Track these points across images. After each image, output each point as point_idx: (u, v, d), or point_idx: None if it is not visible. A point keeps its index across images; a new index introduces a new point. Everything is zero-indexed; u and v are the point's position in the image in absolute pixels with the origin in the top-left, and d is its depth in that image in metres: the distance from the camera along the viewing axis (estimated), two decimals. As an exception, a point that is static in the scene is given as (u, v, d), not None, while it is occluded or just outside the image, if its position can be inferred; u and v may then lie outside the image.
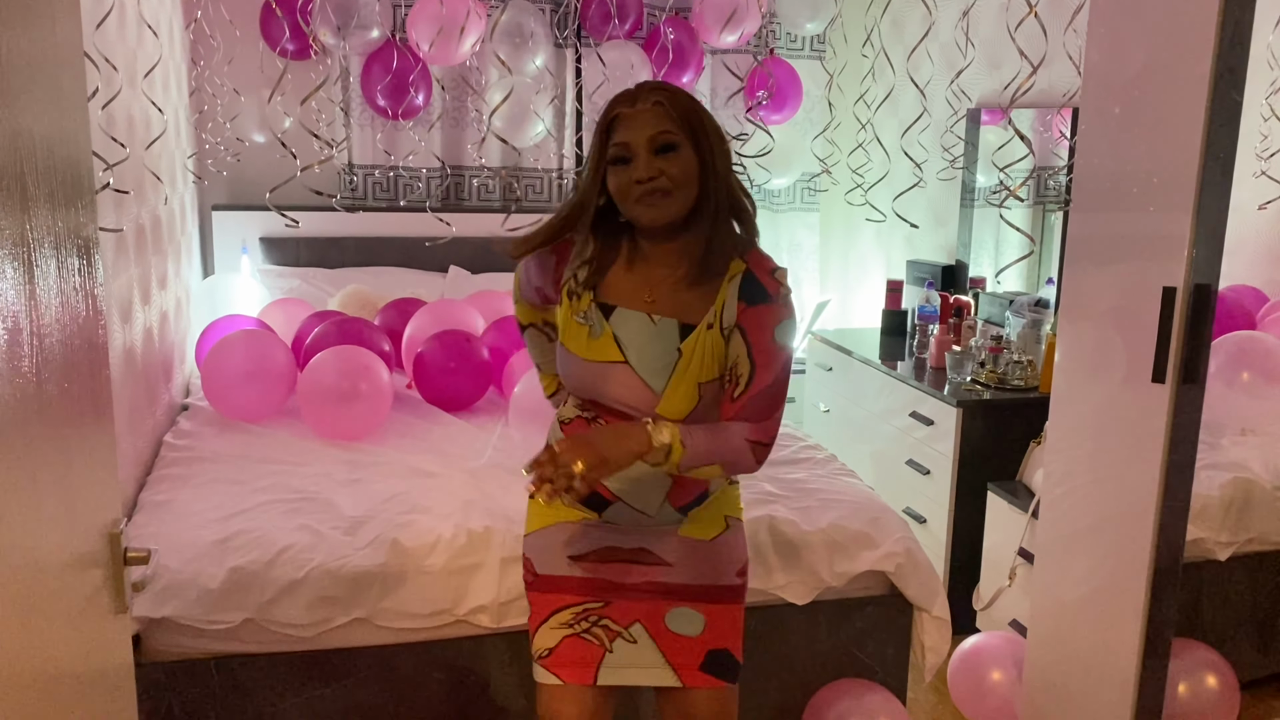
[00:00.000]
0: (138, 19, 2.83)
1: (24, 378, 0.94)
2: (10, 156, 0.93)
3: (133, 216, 2.75)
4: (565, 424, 1.81)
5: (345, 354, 3.00)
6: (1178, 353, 1.93)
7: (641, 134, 1.63)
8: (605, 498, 1.75)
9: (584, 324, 1.72)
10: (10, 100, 0.93)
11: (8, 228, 0.90)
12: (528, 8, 4.08)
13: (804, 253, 5.04)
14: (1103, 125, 2.16)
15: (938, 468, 3.30)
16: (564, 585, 1.80)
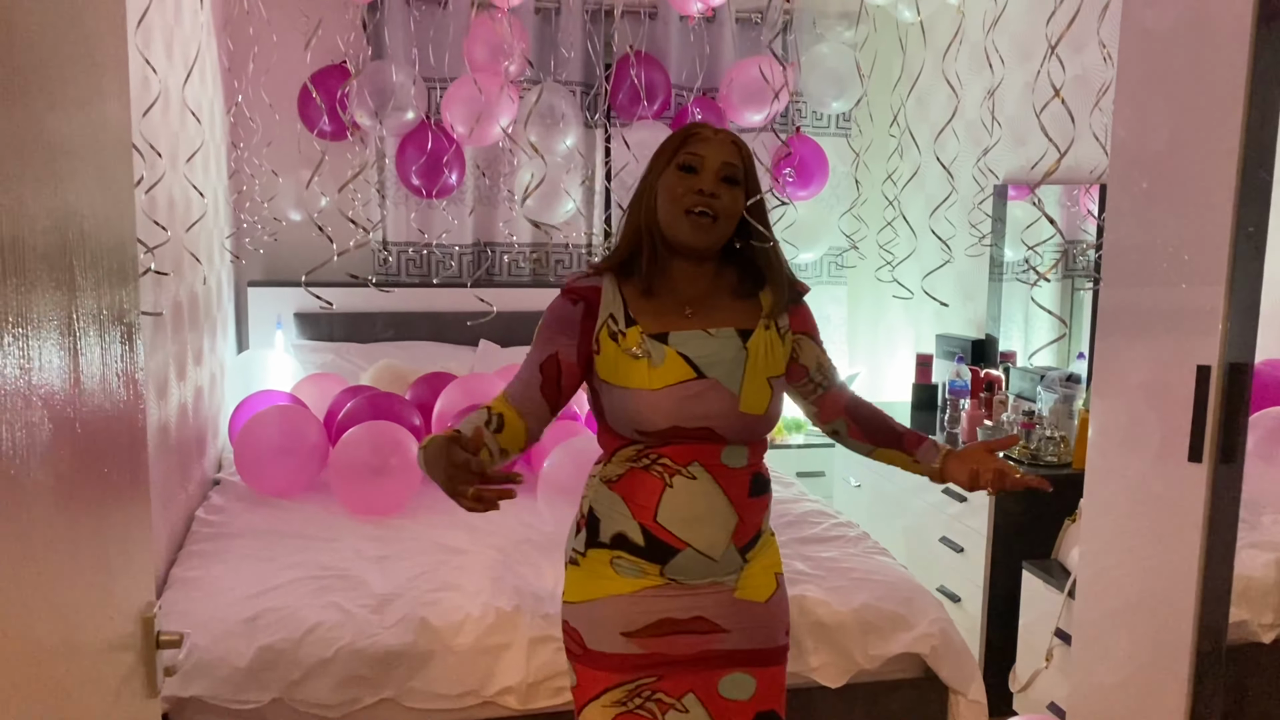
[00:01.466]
0: (181, 105, 2.92)
1: (66, 463, 0.95)
2: (59, 239, 0.96)
3: (171, 295, 2.80)
4: (613, 482, 1.76)
5: (376, 429, 3.02)
6: (1214, 432, 1.91)
7: (717, 156, 1.76)
8: (672, 546, 1.73)
9: (641, 357, 1.73)
10: (60, 183, 0.96)
11: (55, 310, 0.93)
12: (559, 90, 4.18)
13: (832, 326, 5.05)
14: (1131, 201, 2.17)
15: (971, 545, 3.26)
16: (617, 663, 1.75)
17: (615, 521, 1.76)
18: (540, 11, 4.44)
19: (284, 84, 3.96)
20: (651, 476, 1.73)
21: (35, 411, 0.86)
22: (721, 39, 4.56)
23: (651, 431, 1.73)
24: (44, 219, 0.91)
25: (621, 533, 1.74)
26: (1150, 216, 2.10)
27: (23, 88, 0.87)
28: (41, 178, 0.91)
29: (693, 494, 1.73)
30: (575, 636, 1.79)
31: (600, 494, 1.79)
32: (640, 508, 1.74)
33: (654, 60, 4.41)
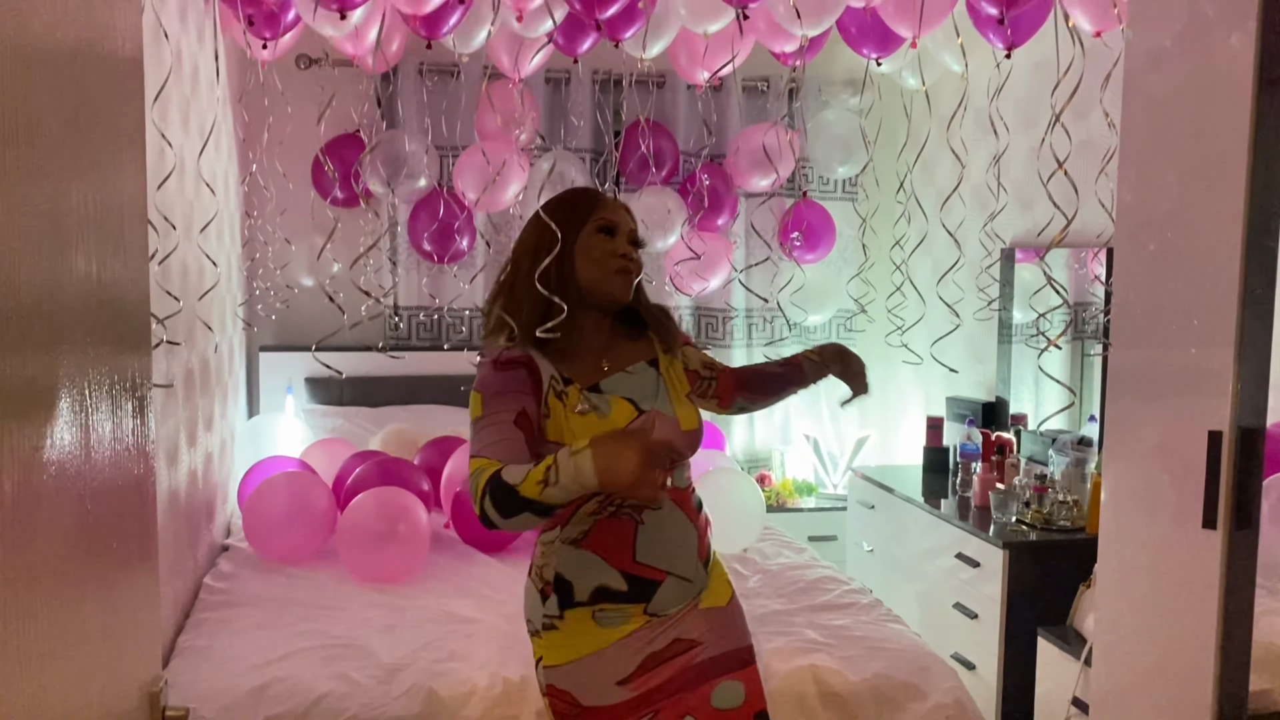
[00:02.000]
0: (196, 175, 2.97)
1: (75, 536, 0.95)
2: (74, 309, 0.97)
3: (182, 362, 2.82)
4: (579, 541, 1.80)
5: (384, 495, 3.02)
6: (1228, 499, 1.89)
7: (625, 222, 1.91)
8: (654, 580, 1.80)
9: (589, 411, 1.81)
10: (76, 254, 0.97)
11: (69, 382, 0.94)
12: (569, 157, 4.24)
13: (842, 388, 5.02)
14: (1138, 263, 2.17)
15: (986, 611, 3.21)
16: (615, 712, 1.80)
17: (591, 578, 1.79)
18: (551, 81, 4.52)
19: (298, 152, 4.03)
20: (622, 521, 1.80)
21: (46, 484, 0.86)
22: (728, 106, 4.63)
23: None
24: (60, 290, 0.93)
25: (601, 585, 1.79)
26: (1158, 279, 2.11)
27: (42, 160, 0.89)
28: (58, 249, 0.93)
29: (663, 523, 1.82)
30: (565, 698, 1.81)
31: (566, 556, 1.81)
32: (616, 555, 1.79)
33: (662, 128, 4.47)
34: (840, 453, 4.95)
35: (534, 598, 1.86)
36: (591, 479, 1.51)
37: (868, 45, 3.25)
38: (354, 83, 4.13)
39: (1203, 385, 1.96)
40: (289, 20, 3.12)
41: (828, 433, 5.03)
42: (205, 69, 3.17)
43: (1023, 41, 2.99)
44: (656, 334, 1.97)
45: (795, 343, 4.97)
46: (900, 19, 2.97)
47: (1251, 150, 1.91)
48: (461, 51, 3.30)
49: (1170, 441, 2.03)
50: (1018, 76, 3.70)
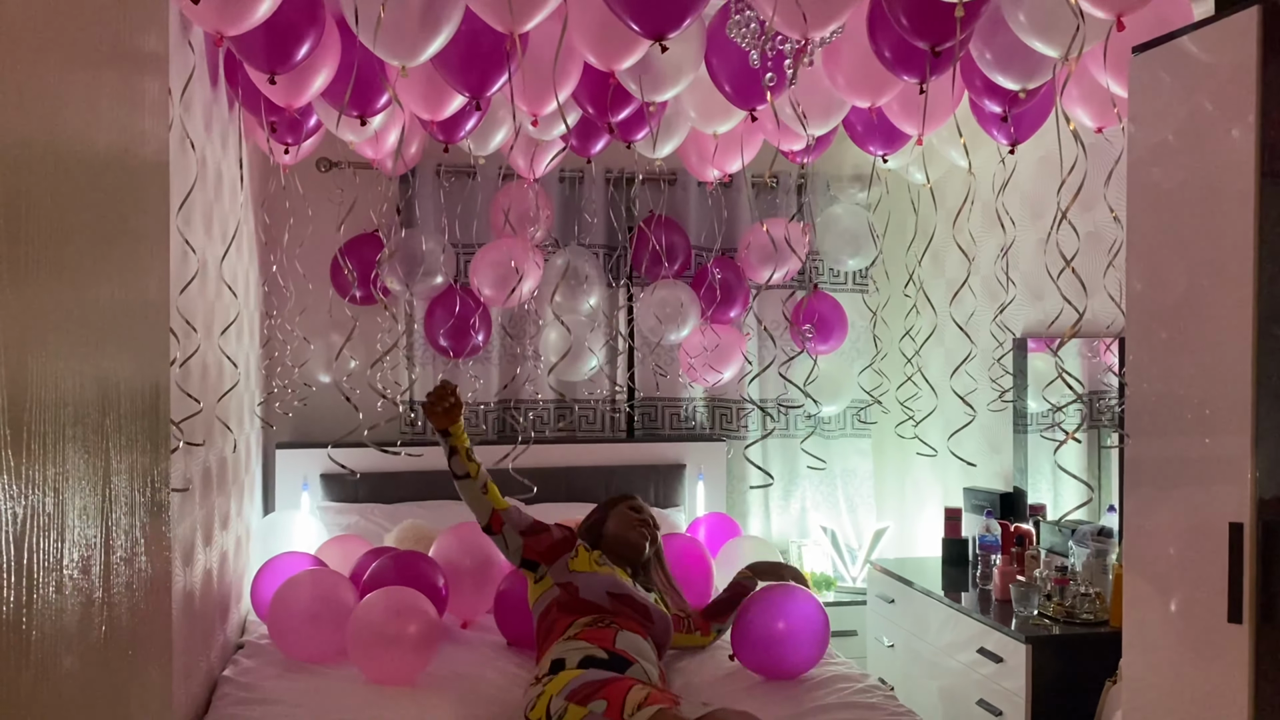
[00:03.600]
0: (218, 278, 3.03)
1: (92, 647, 0.96)
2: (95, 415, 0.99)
3: (200, 462, 2.84)
4: (573, 637, 2.78)
5: (394, 595, 2.99)
6: (1252, 592, 1.87)
7: (647, 513, 3.27)
8: (629, 660, 2.66)
9: (605, 565, 3.04)
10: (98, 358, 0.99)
11: (89, 488, 0.95)
12: (582, 253, 4.30)
13: (858, 479, 5.02)
14: (1150, 352, 2.18)
15: (1010, 708, 3.14)
16: (620, 683, 2.53)
17: (577, 654, 2.64)
18: (564, 180, 4.62)
19: (317, 253, 4.10)
20: (604, 629, 2.76)
21: (66, 597, 0.87)
22: (738, 202, 4.71)
23: (617, 594, 2.89)
24: (81, 394, 0.95)
25: (588, 656, 2.62)
26: (1171, 369, 2.12)
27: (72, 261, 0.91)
28: (81, 353, 0.95)
29: (635, 639, 2.76)
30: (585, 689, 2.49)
31: (563, 647, 2.72)
32: (601, 641, 2.69)
33: (674, 223, 4.55)
34: (858, 545, 4.90)
35: (530, 696, 2.62)
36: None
37: (874, 143, 3.32)
38: (373, 184, 4.22)
39: (1220, 475, 1.95)
40: (311, 126, 3.22)
41: (845, 525, 4.99)
42: (228, 174, 3.26)
43: (1026, 137, 3.06)
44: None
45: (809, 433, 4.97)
46: (905, 117, 3.05)
47: (1257, 239, 1.94)
48: (478, 154, 3.39)
49: (1191, 532, 2.02)
50: (1023, 170, 3.77)
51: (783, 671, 2.94)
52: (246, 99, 3.02)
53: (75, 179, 0.93)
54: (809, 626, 2.95)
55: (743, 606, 3.07)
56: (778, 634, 2.93)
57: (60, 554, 0.87)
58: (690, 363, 4.46)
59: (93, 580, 0.95)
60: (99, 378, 0.99)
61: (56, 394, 0.87)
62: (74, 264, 0.91)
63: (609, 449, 4.57)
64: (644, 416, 4.80)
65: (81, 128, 0.96)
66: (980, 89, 2.84)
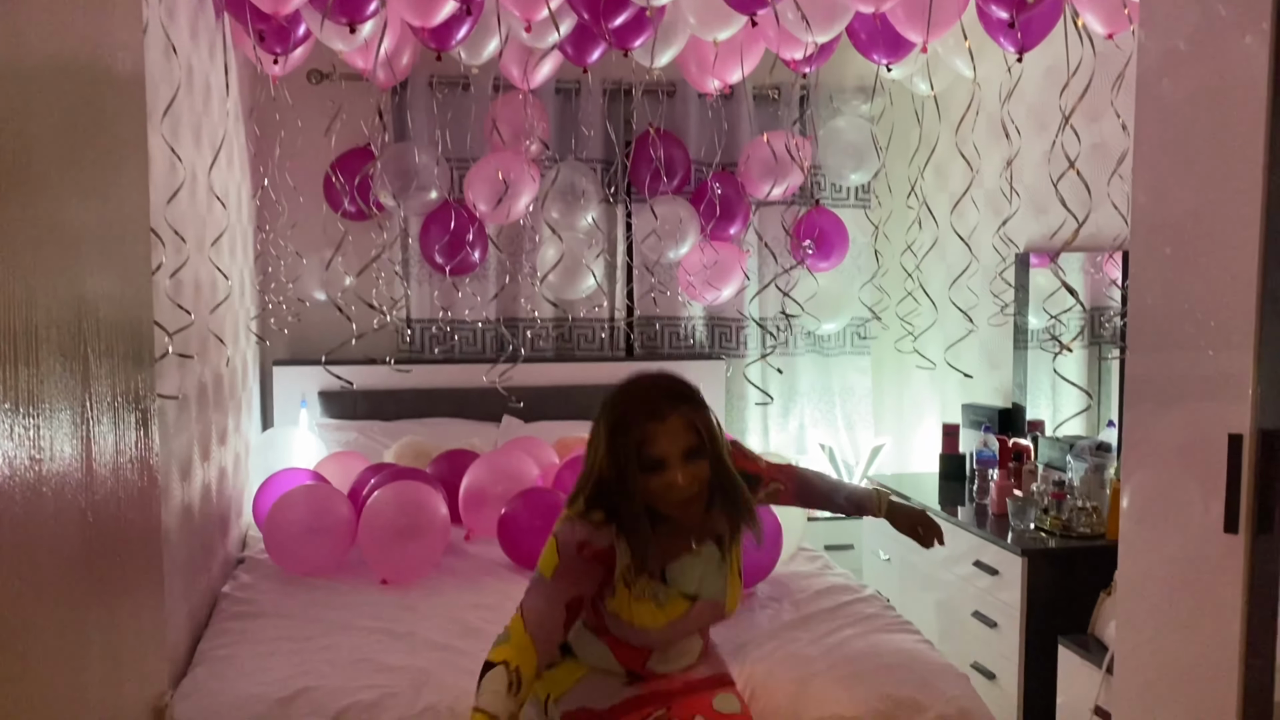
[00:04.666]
0: (208, 190, 2.97)
1: (76, 549, 0.95)
2: (73, 326, 0.97)
3: (195, 376, 2.82)
4: (601, 632, 2.03)
5: (404, 490, 3.10)
6: (1249, 502, 1.86)
7: (675, 447, 1.90)
8: (648, 678, 2.07)
9: (648, 599, 1.97)
10: (76, 270, 0.97)
11: (67, 397, 0.93)
12: (580, 168, 4.23)
13: (856, 396, 5.02)
14: (1154, 267, 2.15)
15: (1005, 619, 3.18)
16: (630, 706, 2.01)
17: (595, 657, 2.05)
18: (561, 92, 4.52)
19: (309, 167, 4.04)
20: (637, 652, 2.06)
21: (45, 500, 0.85)
22: (739, 115, 4.61)
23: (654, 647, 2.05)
24: (58, 307, 0.92)
25: (600, 666, 2.05)
26: (1174, 282, 2.08)
27: (40, 178, 0.88)
28: (57, 266, 0.92)
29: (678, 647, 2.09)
30: (582, 715, 2.01)
31: (583, 637, 2.05)
32: (631, 658, 2.05)
33: (673, 137, 4.46)
34: (856, 461, 4.92)
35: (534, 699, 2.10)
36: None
37: (878, 51, 3.23)
38: (365, 96, 4.13)
39: (1221, 388, 1.93)
40: (299, 35, 3.13)
41: (843, 442, 5.00)
42: (216, 84, 3.18)
43: (1034, 45, 2.97)
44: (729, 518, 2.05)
45: (809, 351, 4.95)
46: (910, 24, 2.96)
47: (1268, 150, 1.89)
48: (470, 63, 3.31)
49: (1190, 446, 2.00)
50: (1030, 81, 3.68)
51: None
52: (231, 5, 2.93)
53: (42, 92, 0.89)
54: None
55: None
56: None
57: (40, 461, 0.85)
58: (690, 280, 4.42)
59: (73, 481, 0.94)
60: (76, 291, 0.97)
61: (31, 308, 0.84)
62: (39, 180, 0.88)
63: (607, 368, 4.56)
64: (643, 335, 4.78)
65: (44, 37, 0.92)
66: (987, -7, 2.76)
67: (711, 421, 1.98)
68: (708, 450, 1.94)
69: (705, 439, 1.93)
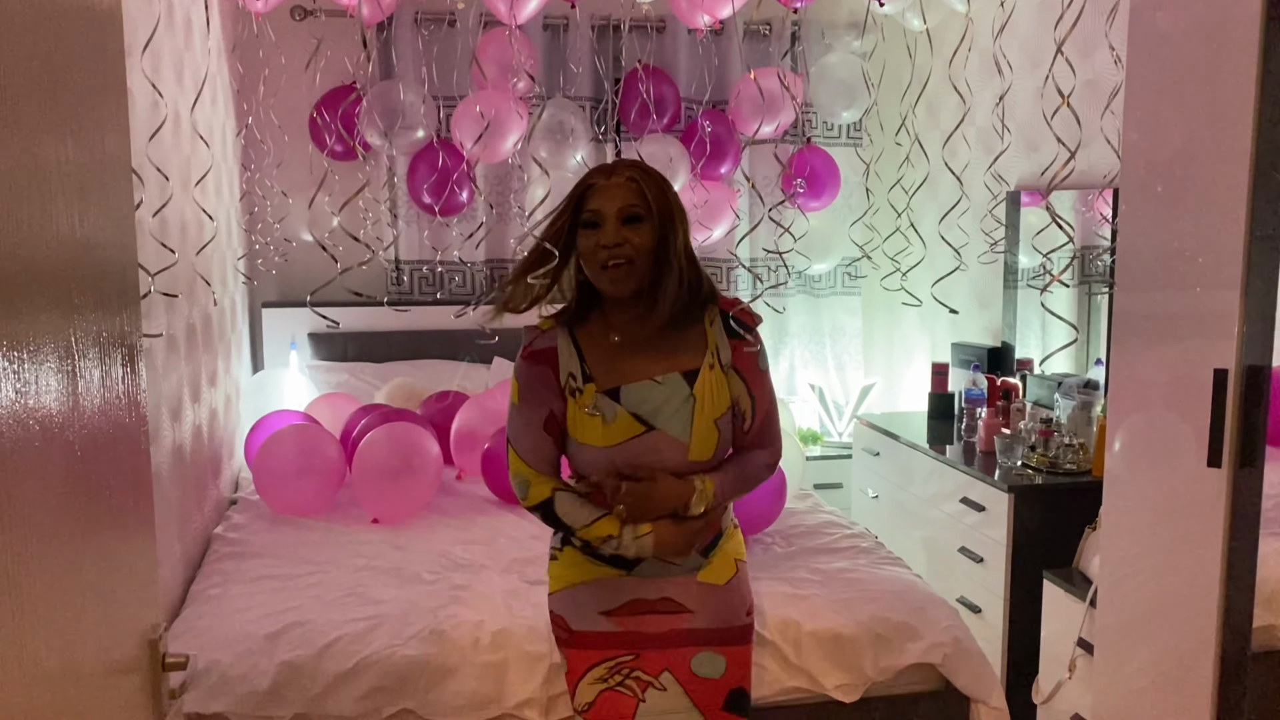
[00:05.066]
0: (191, 129, 2.93)
1: (65, 484, 0.95)
2: (57, 264, 0.96)
3: (183, 317, 2.81)
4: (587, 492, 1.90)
5: (397, 431, 3.09)
6: (1233, 437, 1.88)
7: (612, 204, 1.79)
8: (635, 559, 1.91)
9: (595, 414, 1.84)
10: (55, 208, 0.96)
11: (50, 335, 0.93)
12: (568, 105, 4.18)
13: (847, 336, 5.03)
14: (1144, 205, 2.14)
15: (991, 555, 3.22)
16: (598, 640, 1.91)
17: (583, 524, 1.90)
18: (549, 28, 4.46)
19: (294, 105, 3.98)
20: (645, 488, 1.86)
21: (31, 434, 0.85)
22: (730, 51, 4.56)
23: (628, 475, 1.85)
24: (38, 245, 0.91)
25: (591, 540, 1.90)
26: (1164, 220, 2.08)
27: (15, 113, 0.87)
28: (36, 203, 0.91)
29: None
30: (561, 623, 1.96)
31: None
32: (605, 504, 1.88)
33: (663, 74, 4.41)
34: (845, 401, 4.94)
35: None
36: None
37: (870, -16, 3.19)
38: (349, 33, 4.07)
39: (1208, 326, 1.94)
40: (280, -31, 3.07)
41: (833, 382, 5.02)
42: (197, 20, 3.13)
43: (1028, -23, 2.93)
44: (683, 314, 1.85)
45: (799, 292, 4.95)
46: (902, -44, 2.91)
47: (1260, 86, 1.88)
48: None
49: (1176, 382, 2.02)
50: (1022, 14, 3.64)
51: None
52: (211, -62, 2.87)
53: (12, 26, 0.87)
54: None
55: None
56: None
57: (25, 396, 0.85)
58: (679, 219, 4.39)
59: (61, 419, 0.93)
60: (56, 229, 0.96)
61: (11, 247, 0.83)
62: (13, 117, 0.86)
63: (597, 307, 4.55)
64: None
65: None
66: (981, -75, 2.71)
67: (667, 198, 1.82)
68: (653, 220, 1.78)
69: (652, 208, 1.78)
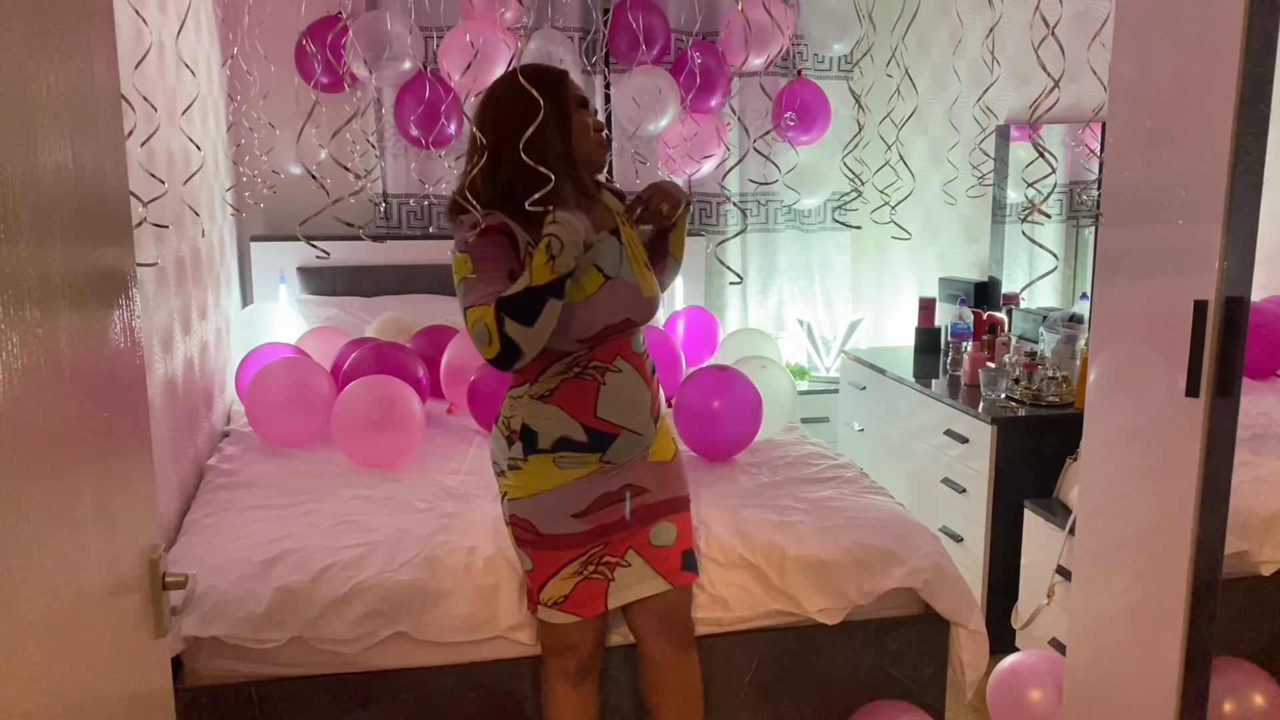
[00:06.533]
0: (176, 59, 2.90)
1: (63, 409, 0.97)
2: (50, 193, 0.97)
3: (172, 249, 2.81)
4: (546, 397, 2.08)
5: (376, 384, 3.04)
6: (1211, 367, 1.91)
7: (578, 93, 2.10)
8: (611, 433, 2.10)
9: (568, 276, 1.97)
10: (43, 137, 0.96)
11: (43, 264, 0.94)
12: (556, 36, 4.14)
13: (835, 272, 5.04)
14: (1132, 138, 2.15)
15: (974, 486, 3.28)
16: (570, 541, 2.12)
17: (555, 429, 2.08)
18: (537, -43, 4.39)
19: (280, 36, 3.93)
20: (585, 381, 2.08)
21: (28, 356, 0.87)
22: (721, -19, 4.50)
23: (588, 337, 2.06)
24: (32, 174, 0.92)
25: (564, 436, 2.08)
26: (1150, 154, 2.09)
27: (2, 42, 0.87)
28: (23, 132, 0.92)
29: (620, 385, 2.11)
30: (526, 525, 2.13)
31: (533, 409, 2.09)
32: (580, 410, 2.08)
33: (652, 4, 4.36)
34: (833, 336, 4.98)
35: (501, 443, 2.15)
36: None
37: (862, -87, 3.14)
38: (334, -39, 4.01)
39: (1190, 259, 1.96)
40: (263, -106, 3.01)
41: (821, 317, 5.05)
42: (179, -53, 3.07)
43: (1021, -94, 2.90)
44: (613, 197, 2.23)
45: (789, 227, 4.95)
46: (895, -116, 2.88)
47: (1247, 18, 1.88)
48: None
49: (1157, 315, 2.05)
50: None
51: (718, 448, 2.98)
52: None
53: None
54: (744, 404, 2.95)
55: (681, 389, 2.95)
56: (713, 412, 2.93)
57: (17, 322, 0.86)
58: (669, 153, 4.38)
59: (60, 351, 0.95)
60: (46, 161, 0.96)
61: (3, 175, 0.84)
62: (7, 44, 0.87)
63: (587, 241, 4.55)
64: (623, 208, 4.74)
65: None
66: None
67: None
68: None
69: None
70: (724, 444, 2.97)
